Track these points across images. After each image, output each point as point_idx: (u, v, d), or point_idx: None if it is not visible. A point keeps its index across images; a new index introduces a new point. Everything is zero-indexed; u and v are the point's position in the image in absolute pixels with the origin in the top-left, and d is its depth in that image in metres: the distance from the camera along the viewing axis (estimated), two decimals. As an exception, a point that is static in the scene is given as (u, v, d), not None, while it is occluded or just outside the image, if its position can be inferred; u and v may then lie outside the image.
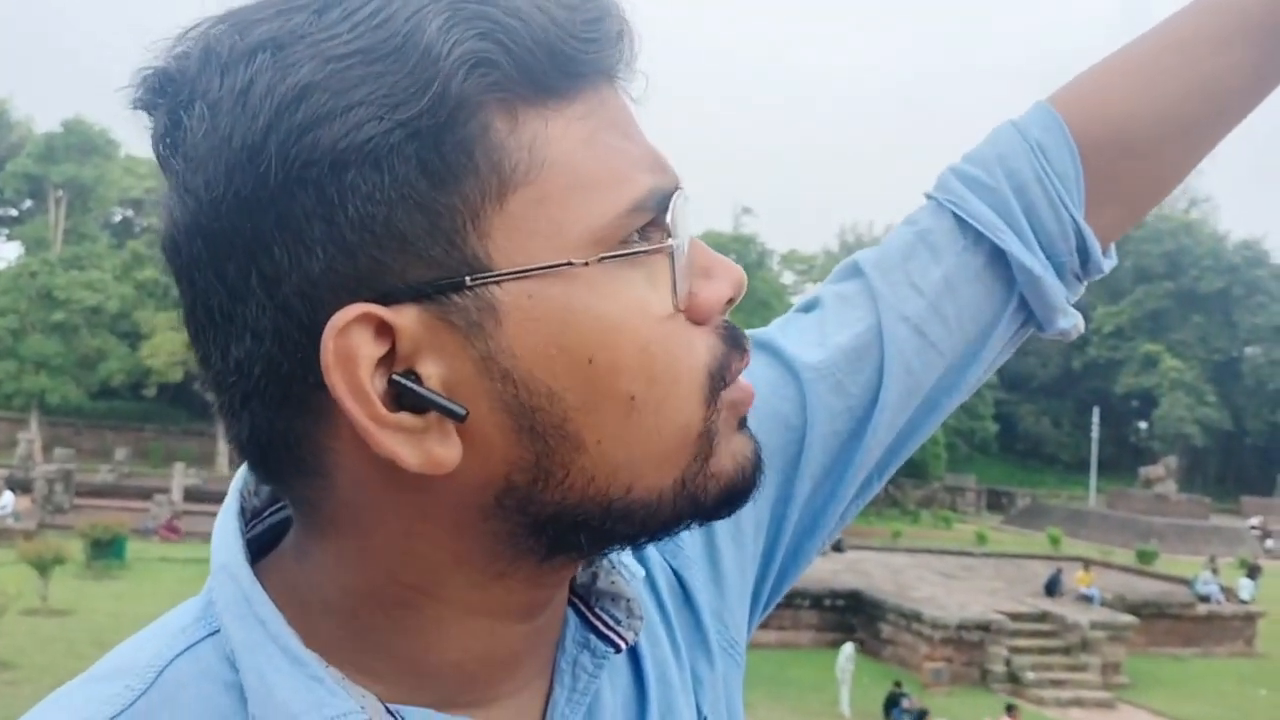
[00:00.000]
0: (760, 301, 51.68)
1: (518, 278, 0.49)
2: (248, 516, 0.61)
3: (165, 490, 29.34)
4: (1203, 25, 0.80)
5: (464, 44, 0.47)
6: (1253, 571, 28.82)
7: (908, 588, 22.82)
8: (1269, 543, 44.07)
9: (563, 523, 0.53)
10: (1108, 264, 0.83)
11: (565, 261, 0.49)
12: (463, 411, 0.49)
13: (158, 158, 0.52)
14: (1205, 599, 25.10)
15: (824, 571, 21.77)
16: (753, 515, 0.76)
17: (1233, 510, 52.73)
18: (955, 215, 0.80)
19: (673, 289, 0.52)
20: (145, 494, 29.82)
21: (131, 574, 21.11)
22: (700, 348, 0.54)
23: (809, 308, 0.82)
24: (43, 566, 17.78)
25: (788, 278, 60.44)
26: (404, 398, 0.49)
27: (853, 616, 21.82)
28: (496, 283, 0.49)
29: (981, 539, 37.40)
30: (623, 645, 0.62)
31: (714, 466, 0.55)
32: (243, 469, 0.59)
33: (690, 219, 0.55)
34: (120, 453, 38.28)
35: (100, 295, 39.82)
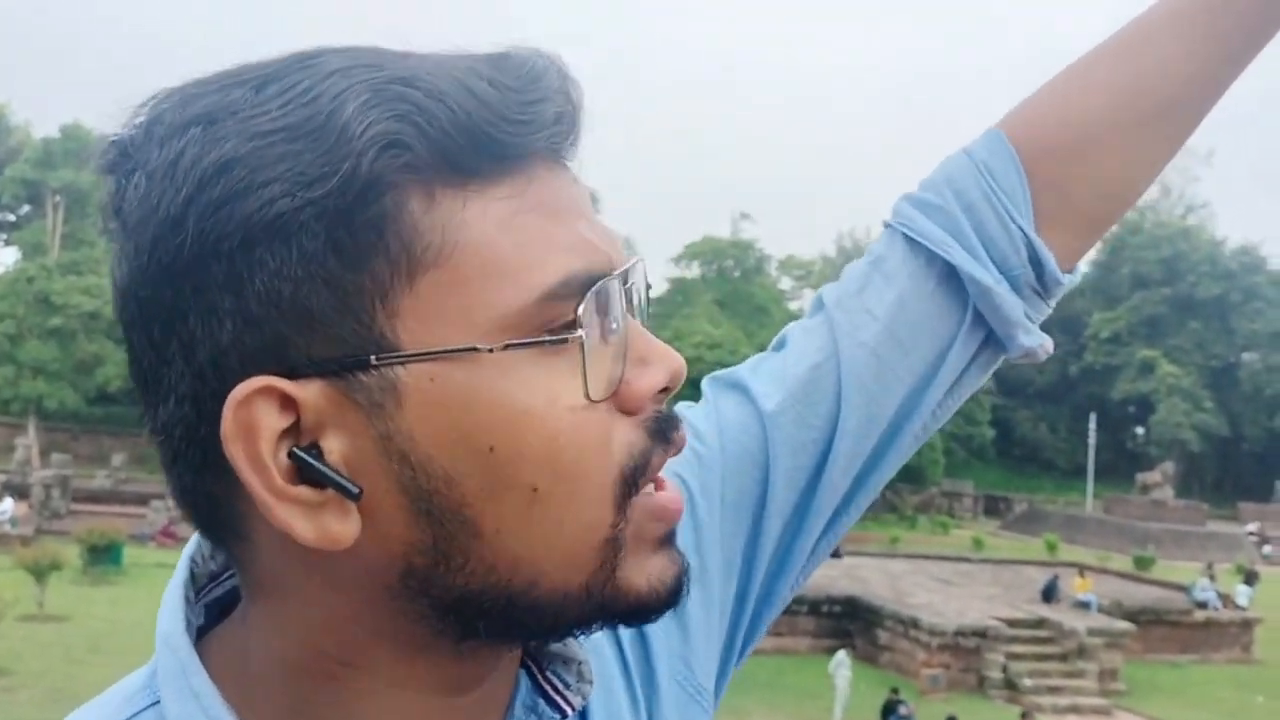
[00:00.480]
0: (758, 307, 51.73)
1: (422, 360, 0.49)
2: (202, 582, 0.61)
3: (162, 496, 29.23)
4: (1140, 21, 0.82)
5: (378, 125, 0.48)
6: (1250, 578, 28.82)
7: (905, 594, 22.82)
8: (1266, 549, 44.08)
9: (468, 609, 0.52)
10: (1069, 279, 0.83)
11: (470, 347, 0.49)
12: (356, 490, 0.49)
13: (105, 223, 0.53)
14: (1202, 605, 25.10)
15: (821, 578, 21.76)
16: (721, 557, 0.76)
17: (1230, 516, 52.73)
18: (906, 237, 0.81)
19: (583, 381, 0.51)
20: (142, 499, 29.82)
21: (128, 580, 21.11)
22: (617, 444, 0.53)
23: (779, 346, 0.83)
24: (39, 572, 17.77)
25: (785, 283, 60.47)
26: (305, 471, 0.50)
27: (850, 623, 21.81)
28: (401, 363, 0.49)
29: (978, 545, 37.39)
30: (569, 711, 0.61)
31: (622, 580, 0.54)
32: (195, 536, 0.60)
33: (622, 300, 0.54)
34: (117, 458, 38.21)
35: (98, 300, 39.70)
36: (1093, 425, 56.20)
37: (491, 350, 0.49)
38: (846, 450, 0.78)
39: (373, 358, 0.49)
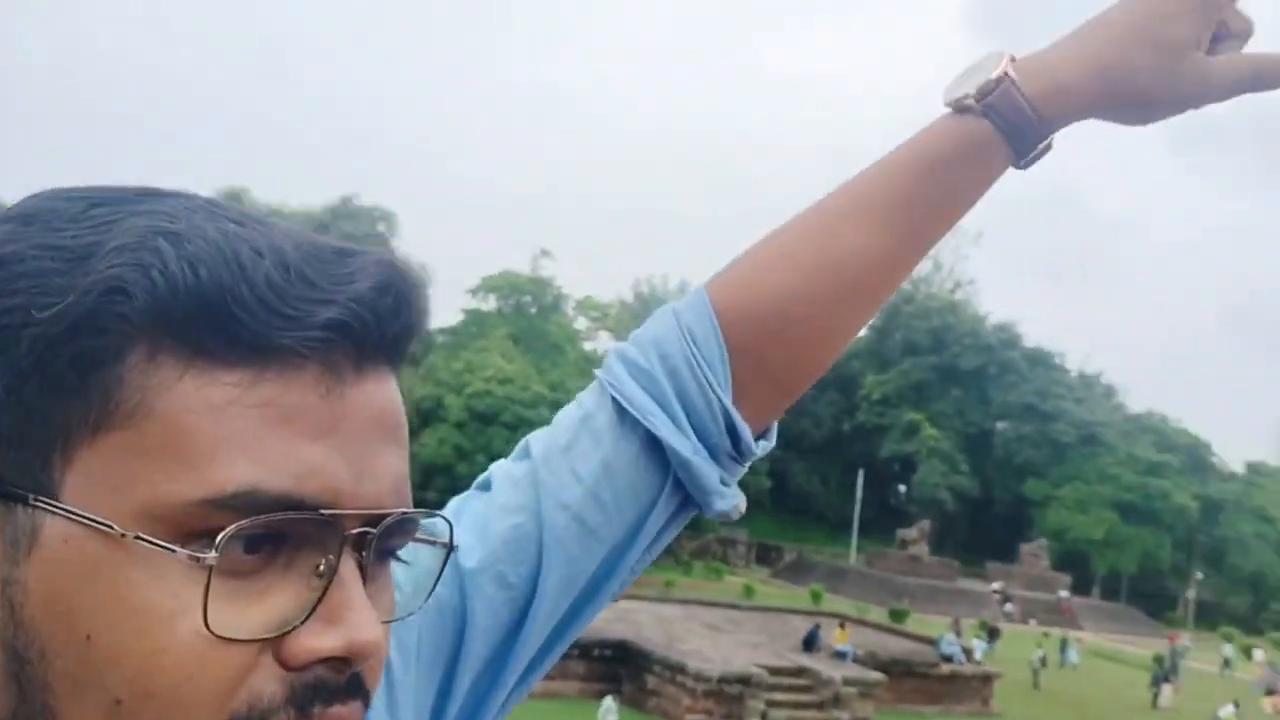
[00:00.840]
0: (552, 345, 51.79)
1: (66, 517, 0.46)
2: None
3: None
4: (835, 204, 0.84)
5: (115, 269, 0.46)
6: (992, 634, 30.79)
7: (676, 639, 23.13)
8: (1008, 607, 47.29)
9: None
10: (763, 446, 0.85)
11: (106, 523, 0.45)
12: None
13: None
14: (948, 659, 26.57)
15: (595, 621, 21.62)
16: (412, 714, 0.73)
17: (979, 574, 56.27)
18: (614, 399, 0.81)
19: (203, 612, 0.45)
20: None
21: None
22: (244, 689, 0.47)
23: (484, 486, 0.82)
24: None
25: (581, 323, 60.93)
26: None
27: (620, 667, 21.89)
28: (49, 513, 0.46)
29: (749, 592, 38.43)
30: None
31: None
32: None
33: (338, 544, 0.48)
34: None
35: None
36: (860, 481, 59.01)
37: (124, 535, 0.45)
38: (545, 610, 0.78)
39: (30, 495, 0.46)
